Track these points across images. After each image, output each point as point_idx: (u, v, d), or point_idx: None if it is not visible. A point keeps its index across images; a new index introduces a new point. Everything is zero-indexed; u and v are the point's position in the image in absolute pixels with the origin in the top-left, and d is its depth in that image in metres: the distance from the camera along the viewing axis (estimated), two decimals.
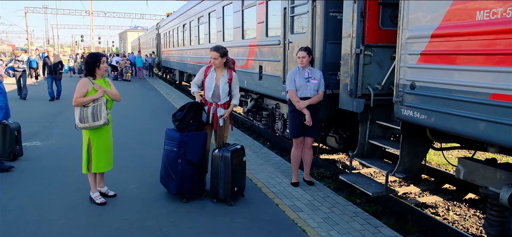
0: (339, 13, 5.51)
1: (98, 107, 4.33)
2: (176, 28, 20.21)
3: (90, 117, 4.29)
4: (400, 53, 4.15)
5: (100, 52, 4.78)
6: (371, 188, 4.69)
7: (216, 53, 4.70)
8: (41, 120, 9.96)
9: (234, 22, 9.76)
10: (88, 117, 4.29)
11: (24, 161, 6.32)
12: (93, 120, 4.30)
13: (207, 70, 4.83)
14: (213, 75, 4.79)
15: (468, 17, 3.34)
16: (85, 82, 4.38)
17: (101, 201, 4.57)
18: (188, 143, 4.55)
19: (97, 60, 4.42)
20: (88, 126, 4.33)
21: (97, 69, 4.43)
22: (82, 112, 4.31)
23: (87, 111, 4.30)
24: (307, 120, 5.00)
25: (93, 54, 4.56)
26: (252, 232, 3.95)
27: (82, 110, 4.31)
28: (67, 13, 61.84)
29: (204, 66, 4.92)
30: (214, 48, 4.72)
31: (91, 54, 4.59)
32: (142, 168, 5.94)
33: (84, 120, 4.30)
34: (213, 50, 4.72)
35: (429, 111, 3.80)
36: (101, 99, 4.37)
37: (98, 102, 4.35)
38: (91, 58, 4.47)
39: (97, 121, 4.31)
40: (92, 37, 51.46)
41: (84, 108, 4.31)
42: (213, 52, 4.71)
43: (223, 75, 4.78)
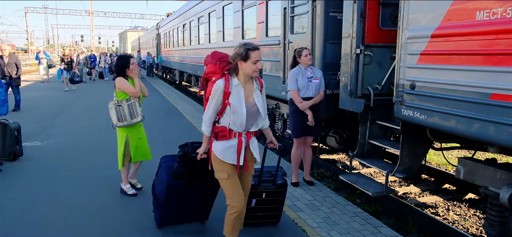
0: (339, 13, 5.51)
1: (133, 106, 4.57)
2: (176, 28, 20.22)
3: (128, 116, 4.54)
4: (400, 53, 4.15)
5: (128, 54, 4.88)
6: (371, 188, 4.69)
7: (259, 53, 3.02)
8: (41, 120, 9.96)
9: (234, 22, 9.76)
10: (126, 115, 4.54)
11: (24, 161, 6.31)
12: (131, 118, 4.56)
13: (228, 86, 3.00)
14: (240, 91, 3.02)
15: (468, 17, 3.34)
16: (123, 79, 4.60)
17: (132, 192, 4.82)
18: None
19: (126, 61, 4.64)
20: (127, 123, 4.56)
21: (127, 70, 4.61)
22: (119, 112, 4.53)
23: (124, 110, 4.53)
24: (309, 120, 4.99)
25: (123, 56, 4.82)
26: (252, 232, 3.94)
27: (119, 110, 4.54)
28: (67, 13, 61.95)
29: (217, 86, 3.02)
30: (254, 46, 2.98)
31: (120, 57, 4.85)
32: (142, 167, 5.93)
33: (123, 118, 4.54)
34: (256, 49, 2.99)
35: (429, 111, 3.80)
36: (134, 98, 4.59)
37: (132, 100, 4.57)
38: (120, 61, 4.70)
39: (135, 118, 4.58)
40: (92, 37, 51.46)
41: (120, 108, 4.53)
42: (256, 51, 2.98)
43: (255, 87, 3.13)
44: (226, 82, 3.00)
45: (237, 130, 3.07)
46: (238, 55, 2.96)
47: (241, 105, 2.99)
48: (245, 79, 3.03)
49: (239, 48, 2.97)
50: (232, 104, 2.98)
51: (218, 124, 3.11)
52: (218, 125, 3.11)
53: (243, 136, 3.10)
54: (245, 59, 2.94)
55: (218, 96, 3.00)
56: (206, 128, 3.14)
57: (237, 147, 3.08)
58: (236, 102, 2.99)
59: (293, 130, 5.29)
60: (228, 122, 3.04)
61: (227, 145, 3.08)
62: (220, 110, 3.05)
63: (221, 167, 3.12)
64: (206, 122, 3.12)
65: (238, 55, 2.96)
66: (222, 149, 3.09)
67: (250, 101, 3.07)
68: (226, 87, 2.98)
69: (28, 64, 29.27)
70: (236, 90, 3.01)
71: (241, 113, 2.99)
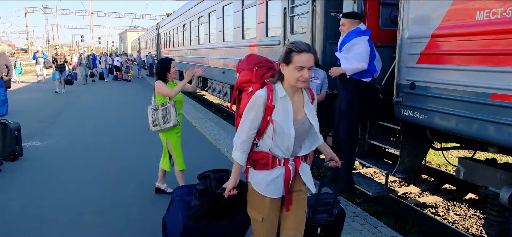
0: (339, 13, 5.50)
1: (167, 110, 4.44)
2: (176, 28, 20.21)
3: (161, 120, 4.43)
4: (400, 53, 4.15)
5: (169, 57, 4.75)
6: (371, 188, 4.69)
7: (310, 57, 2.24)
8: (41, 120, 9.95)
9: (234, 22, 9.75)
10: (159, 120, 4.44)
11: (24, 161, 6.31)
12: (164, 123, 4.44)
13: (271, 99, 2.30)
14: (287, 104, 2.32)
15: (468, 17, 3.34)
16: (161, 82, 4.48)
17: (171, 190, 4.69)
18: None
19: (168, 65, 4.52)
20: (160, 128, 4.47)
21: (168, 73, 4.51)
22: (154, 117, 4.47)
23: (158, 115, 4.45)
24: None
25: (164, 59, 4.67)
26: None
27: (154, 115, 4.47)
28: (67, 13, 62.02)
29: (256, 99, 2.31)
30: (301, 47, 2.23)
31: (161, 60, 4.71)
32: (142, 168, 5.94)
33: (156, 123, 4.47)
34: (304, 50, 2.22)
35: (429, 111, 3.80)
36: (170, 102, 4.45)
37: (167, 105, 4.45)
38: (162, 64, 4.59)
39: (167, 123, 4.44)
40: (92, 37, 51.48)
41: (156, 112, 4.45)
42: (304, 55, 2.21)
43: (306, 99, 2.44)
44: (269, 93, 2.29)
45: (283, 156, 2.36)
46: (280, 57, 2.29)
47: (288, 124, 2.29)
48: (293, 89, 2.33)
49: (284, 48, 2.31)
50: (276, 123, 2.27)
51: (257, 148, 2.40)
52: (256, 150, 2.40)
53: (290, 162, 2.41)
54: (286, 62, 2.25)
55: (256, 112, 2.29)
56: (241, 155, 2.37)
57: (283, 177, 2.39)
58: (282, 119, 2.28)
59: None
60: (270, 145, 2.33)
61: (270, 176, 2.38)
62: (260, 130, 2.34)
63: (259, 204, 2.43)
64: (240, 147, 2.36)
65: (280, 57, 2.29)
66: (263, 181, 2.39)
67: (299, 118, 2.36)
68: (269, 100, 2.27)
69: (28, 64, 29.20)
70: (282, 104, 2.30)
71: (288, 134, 2.28)
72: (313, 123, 2.40)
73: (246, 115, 2.34)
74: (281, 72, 2.31)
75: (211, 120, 10.42)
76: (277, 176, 2.38)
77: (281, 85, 2.33)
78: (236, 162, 2.40)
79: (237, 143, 2.38)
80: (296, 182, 2.47)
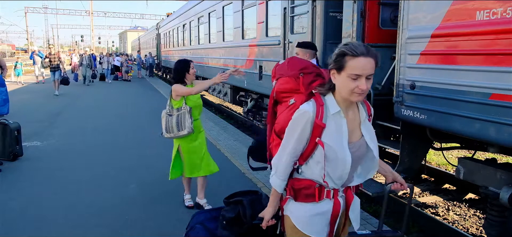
0: (339, 13, 5.51)
1: (182, 117, 4.18)
2: (176, 28, 20.22)
3: (175, 127, 4.18)
4: (400, 53, 4.15)
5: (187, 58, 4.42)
6: (371, 188, 4.69)
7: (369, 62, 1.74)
8: (41, 120, 9.95)
9: (234, 22, 9.76)
10: (173, 127, 4.19)
11: (24, 161, 6.31)
12: (178, 130, 4.19)
13: (321, 115, 1.84)
14: (341, 123, 1.86)
15: (468, 17, 3.34)
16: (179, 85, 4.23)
17: (189, 204, 4.47)
18: None
19: (187, 66, 4.27)
20: (173, 135, 4.22)
21: (187, 74, 4.25)
22: (168, 122, 4.22)
23: (172, 121, 4.20)
24: None
25: (183, 61, 4.36)
26: None
27: (168, 120, 4.22)
28: (67, 13, 61.94)
29: (302, 114, 1.85)
30: (367, 50, 1.74)
31: (180, 61, 4.38)
32: (142, 168, 5.94)
33: (170, 129, 4.21)
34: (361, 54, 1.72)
35: (429, 111, 3.81)
36: (185, 107, 4.19)
37: (182, 111, 4.18)
38: (181, 65, 4.29)
39: (181, 130, 4.18)
40: (92, 37, 51.50)
41: (170, 118, 4.21)
42: (361, 59, 1.72)
43: (363, 117, 1.95)
44: (318, 108, 1.82)
45: (333, 186, 1.90)
46: (330, 62, 1.83)
47: (343, 148, 1.82)
48: (346, 103, 1.85)
49: (334, 52, 1.83)
50: (327, 146, 1.81)
51: (300, 174, 1.95)
52: (299, 176, 1.95)
53: (340, 194, 1.95)
54: (338, 68, 1.76)
55: (302, 131, 1.84)
56: (280, 182, 1.96)
57: (331, 213, 1.93)
58: (335, 142, 1.82)
59: None
60: (317, 172, 1.87)
61: (314, 210, 1.93)
62: (305, 153, 1.89)
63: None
64: (280, 171, 1.94)
65: (330, 62, 1.83)
66: (306, 216, 1.94)
67: (355, 139, 1.90)
68: (318, 117, 1.81)
69: (28, 64, 29.18)
70: (335, 122, 1.83)
71: (342, 160, 1.82)
72: (372, 146, 1.92)
73: (289, 135, 1.89)
74: (332, 82, 1.83)
75: (211, 119, 10.42)
76: (323, 211, 1.92)
77: (333, 98, 1.85)
78: (274, 188, 1.99)
79: (277, 166, 1.95)
80: (344, 221, 2.05)
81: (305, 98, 1.92)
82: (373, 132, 1.96)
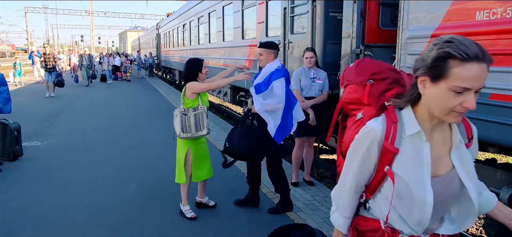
0: (339, 13, 5.51)
1: (200, 116, 4.06)
2: (176, 28, 20.23)
3: (193, 127, 4.04)
4: (400, 53, 4.15)
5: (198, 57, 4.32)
6: None
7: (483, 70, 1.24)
8: (41, 120, 9.96)
9: (234, 22, 9.76)
10: (191, 127, 4.04)
11: (24, 161, 6.31)
12: (196, 130, 4.06)
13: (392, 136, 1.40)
14: (421, 148, 1.38)
15: (468, 17, 3.34)
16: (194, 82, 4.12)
17: (191, 215, 4.20)
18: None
19: (200, 65, 4.15)
20: (191, 136, 4.07)
21: (200, 73, 4.14)
22: (184, 122, 4.04)
23: (190, 121, 4.04)
24: (311, 119, 5.02)
25: (195, 60, 4.21)
26: (251, 232, 3.95)
27: (184, 120, 4.04)
28: (67, 13, 61.95)
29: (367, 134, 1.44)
30: (482, 52, 1.22)
31: (192, 60, 4.22)
32: (142, 168, 5.94)
33: (187, 129, 4.04)
34: (475, 58, 1.21)
35: None
36: (202, 107, 4.09)
37: (199, 110, 4.07)
38: (193, 64, 4.15)
39: (200, 130, 4.07)
40: (92, 37, 51.53)
41: (186, 117, 4.04)
42: (474, 65, 1.21)
43: (456, 140, 1.44)
44: (389, 127, 1.40)
45: (409, 232, 1.44)
46: (420, 65, 1.32)
47: (422, 182, 1.35)
48: (433, 122, 1.37)
49: (428, 50, 1.31)
50: (398, 178, 1.38)
51: (367, 212, 1.54)
52: (366, 214, 1.55)
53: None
54: (436, 76, 1.26)
55: (366, 155, 1.43)
56: (343, 219, 1.57)
57: None
58: (410, 173, 1.36)
59: (295, 130, 5.30)
60: (387, 212, 1.44)
61: None
62: (372, 184, 1.48)
63: None
64: (342, 206, 1.56)
65: (420, 65, 1.32)
66: None
67: (442, 171, 1.40)
68: (389, 138, 1.39)
69: (28, 64, 29.17)
70: (413, 146, 1.38)
71: (420, 199, 1.35)
72: (467, 182, 1.39)
73: (351, 159, 1.49)
74: (417, 91, 1.35)
75: (211, 119, 10.42)
76: None
77: (412, 113, 1.38)
78: (337, 228, 1.59)
79: (338, 201, 1.58)
80: None
81: (375, 113, 1.49)
82: (470, 162, 1.43)
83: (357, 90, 1.62)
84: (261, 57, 4.27)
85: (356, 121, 1.60)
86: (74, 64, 21.54)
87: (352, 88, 1.66)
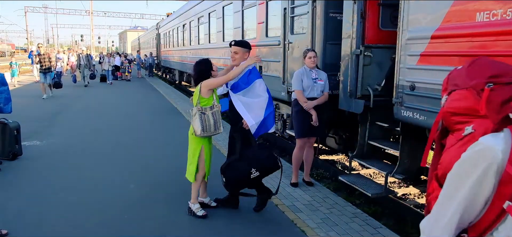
0: (339, 13, 5.51)
1: (217, 115, 4.08)
2: (176, 28, 20.22)
3: (213, 126, 4.06)
4: (400, 54, 4.15)
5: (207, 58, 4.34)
6: (371, 189, 4.69)
7: None
8: (40, 119, 9.95)
9: (234, 22, 9.76)
10: (211, 125, 4.05)
11: (24, 160, 6.31)
12: (215, 129, 4.09)
13: None
14: None
15: (468, 18, 3.34)
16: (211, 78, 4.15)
17: (202, 213, 4.21)
18: None
19: (210, 64, 4.19)
20: (210, 134, 4.11)
21: (212, 71, 4.18)
22: (204, 121, 4.02)
23: (209, 120, 4.04)
24: (313, 120, 5.02)
25: (205, 61, 4.23)
26: (251, 232, 3.94)
27: (204, 119, 4.02)
28: (67, 12, 61.95)
29: (482, 155, 1.08)
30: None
31: (202, 62, 4.24)
32: (142, 168, 5.93)
33: (207, 128, 4.03)
34: None
35: (429, 112, 3.81)
36: (217, 106, 4.11)
37: (215, 109, 4.08)
38: (204, 66, 4.18)
39: (218, 129, 4.11)
40: (92, 37, 51.52)
41: (206, 116, 4.03)
42: None
43: None
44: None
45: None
46: None
47: None
48: None
49: None
50: None
51: None
52: None
53: None
54: None
55: (479, 182, 1.09)
56: None
57: None
58: None
59: (296, 131, 5.29)
60: None
61: None
62: (481, 223, 1.13)
63: None
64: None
65: None
66: None
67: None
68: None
69: (28, 63, 29.14)
70: None
71: None
72: None
73: (455, 185, 1.15)
74: None
75: None
76: None
77: None
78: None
79: (433, 233, 1.22)
80: None
81: (491, 127, 1.16)
82: None
83: (468, 97, 1.29)
84: (236, 56, 4.25)
85: (463, 137, 1.26)
86: (72, 63, 21.32)
87: (461, 95, 1.32)
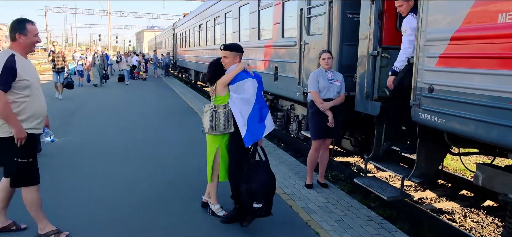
0: (356, 14, 5.45)
1: (229, 114, 4.04)
2: (192, 28, 20.35)
3: (222, 125, 4.03)
4: (418, 55, 4.08)
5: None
6: (386, 192, 4.62)
7: None
8: (58, 117, 10.11)
9: (250, 22, 9.76)
10: (220, 124, 4.03)
11: (42, 156, 6.38)
12: (225, 128, 4.05)
13: None
14: None
15: (489, 19, 3.26)
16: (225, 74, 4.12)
17: (223, 213, 4.20)
18: None
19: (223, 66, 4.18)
20: (218, 132, 4.07)
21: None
22: (214, 120, 4.03)
23: (220, 119, 4.03)
24: (330, 121, 4.99)
25: (219, 61, 4.23)
26: (265, 233, 3.93)
27: (214, 117, 4.03)
28: (86, 12, 63.03)
29: None
30: None
31: (216, 62, 4.27)
32: (155, 167, 5.98)
33: (215, 126, 4.03)
34: None
35: (447, 115, 3.73)
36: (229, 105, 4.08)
37: (228, 108, 4.05)
38: (217, 67, 4.20)
39: (228, 128, 4.07)
40: (109, 36, 52.25)
41: (217, 114, 4.03)
42: None
43: None
44: None
45: None
46: None
47: None
48: None
49: None
50: None
51: None
52: None
53: None
54: None
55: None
56: None
57: None
58: None
59: (312, 132, 5.26)
60: None
61: None
62: None
63: None
64: None
65: None
66: None
67: None
68: None
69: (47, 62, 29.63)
70: None
71: None
72: None
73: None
74: None
75: None
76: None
77: None
78: None
79: None
80: None
81: None
82: None
83: None
84: (226, 60, 4.15)
85: None
86: (89, 62, 21.53)
87: None
